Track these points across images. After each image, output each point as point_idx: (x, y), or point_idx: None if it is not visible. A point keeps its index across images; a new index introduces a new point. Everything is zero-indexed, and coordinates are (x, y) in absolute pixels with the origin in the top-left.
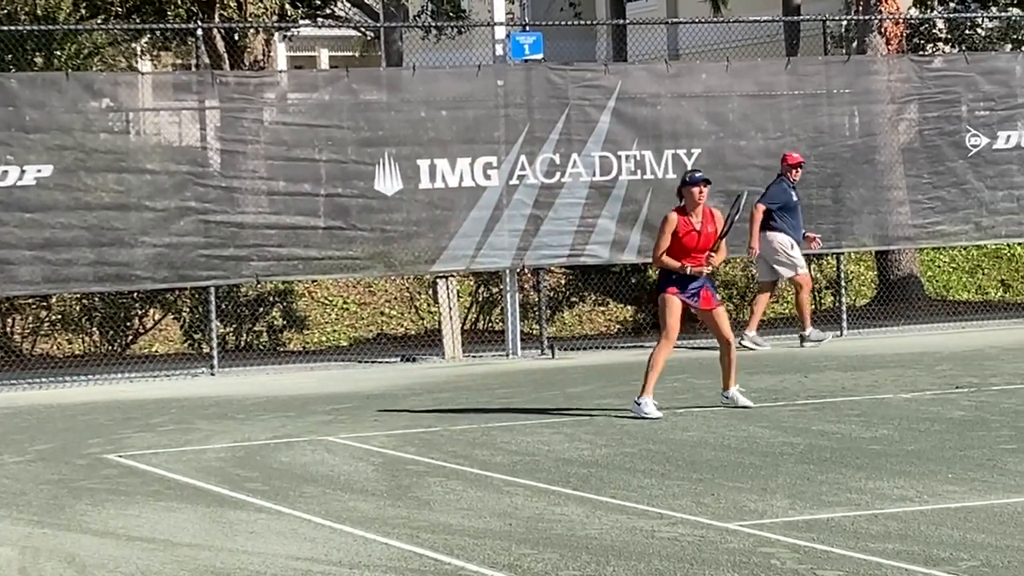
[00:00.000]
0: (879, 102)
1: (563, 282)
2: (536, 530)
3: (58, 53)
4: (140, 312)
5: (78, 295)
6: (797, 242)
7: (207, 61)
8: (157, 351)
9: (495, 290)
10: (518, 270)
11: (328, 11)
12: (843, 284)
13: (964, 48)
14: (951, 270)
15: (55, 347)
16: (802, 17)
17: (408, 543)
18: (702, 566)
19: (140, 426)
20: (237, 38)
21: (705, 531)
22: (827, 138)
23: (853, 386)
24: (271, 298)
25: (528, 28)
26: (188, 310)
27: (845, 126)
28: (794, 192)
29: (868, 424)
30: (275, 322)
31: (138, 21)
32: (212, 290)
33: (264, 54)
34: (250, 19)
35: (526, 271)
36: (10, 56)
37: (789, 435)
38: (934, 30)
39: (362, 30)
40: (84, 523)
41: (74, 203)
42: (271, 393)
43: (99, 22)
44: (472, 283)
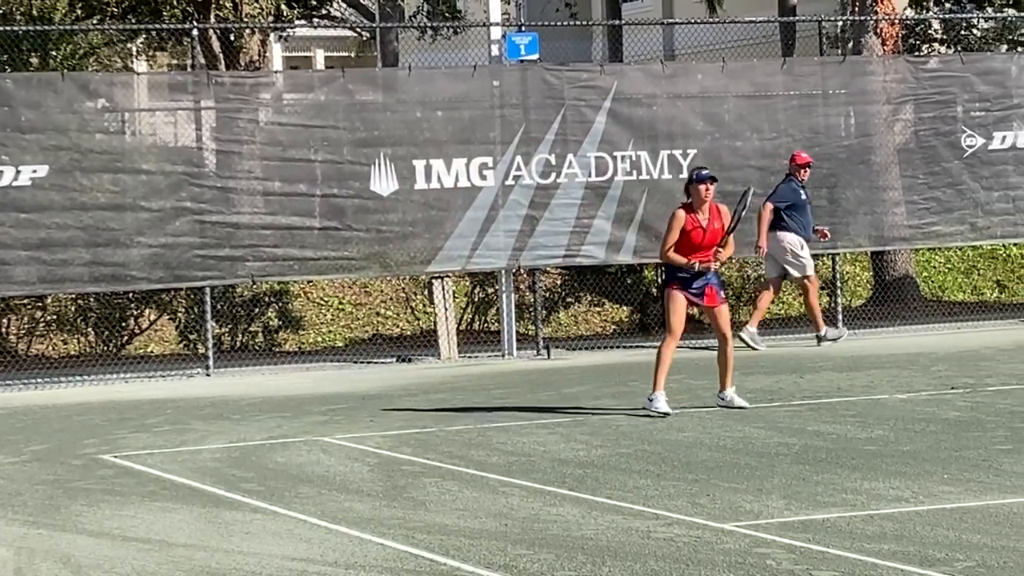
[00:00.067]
0: (875, 103)
1: (559, 282)
2: (532, 530)
3: (54, 53)
4: (136, 312)
5: (74, 295)
6: (807, 240)
7: (203, 61)
8: (153, 351)
9: (491, 290)
10: (514, 271)
11: (324, 11)
12: (839, 284)
13: (960, 49)
14: (947, 271)
15: (50, 347)
16: (798, 18)
17: (404, 543)
18: (698, 567)
19: (136, 426)
20: (233, 38)
21: (701, 531)
22: (823, 139)
23: (849, 387)
24: (267, 298)
25: (524, 28)
26: (184, 310)
27: (841, 127)
28: (803, 191)
29: (864, 425)
30: (271, 323)
31: (134, 21)
32: (208, 290)
33: (260, 54)
34: (246, 19)
35: (522, 271)
36: (6, 56)
37: (785, 436)
38: (930, 31)
39: (358, 30)
40: (80, 524)
41: (70, 203)
42: (267, 394)
43: (95, 22)
44: (468, 283)
